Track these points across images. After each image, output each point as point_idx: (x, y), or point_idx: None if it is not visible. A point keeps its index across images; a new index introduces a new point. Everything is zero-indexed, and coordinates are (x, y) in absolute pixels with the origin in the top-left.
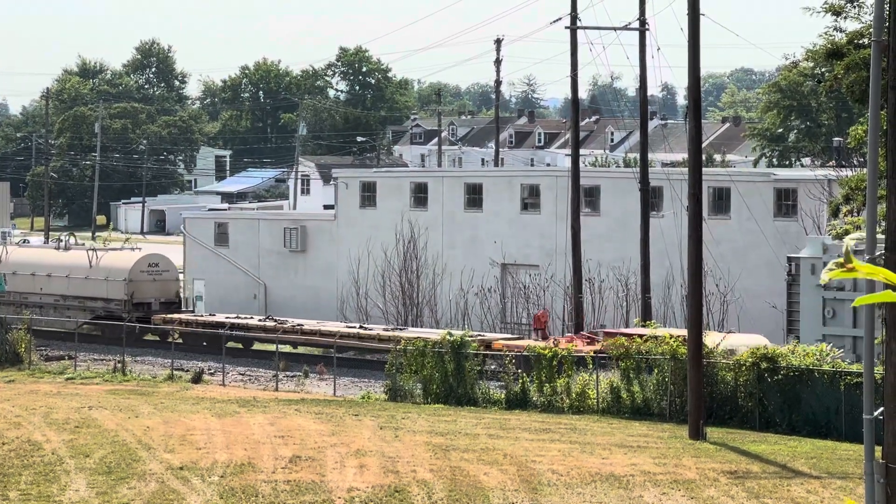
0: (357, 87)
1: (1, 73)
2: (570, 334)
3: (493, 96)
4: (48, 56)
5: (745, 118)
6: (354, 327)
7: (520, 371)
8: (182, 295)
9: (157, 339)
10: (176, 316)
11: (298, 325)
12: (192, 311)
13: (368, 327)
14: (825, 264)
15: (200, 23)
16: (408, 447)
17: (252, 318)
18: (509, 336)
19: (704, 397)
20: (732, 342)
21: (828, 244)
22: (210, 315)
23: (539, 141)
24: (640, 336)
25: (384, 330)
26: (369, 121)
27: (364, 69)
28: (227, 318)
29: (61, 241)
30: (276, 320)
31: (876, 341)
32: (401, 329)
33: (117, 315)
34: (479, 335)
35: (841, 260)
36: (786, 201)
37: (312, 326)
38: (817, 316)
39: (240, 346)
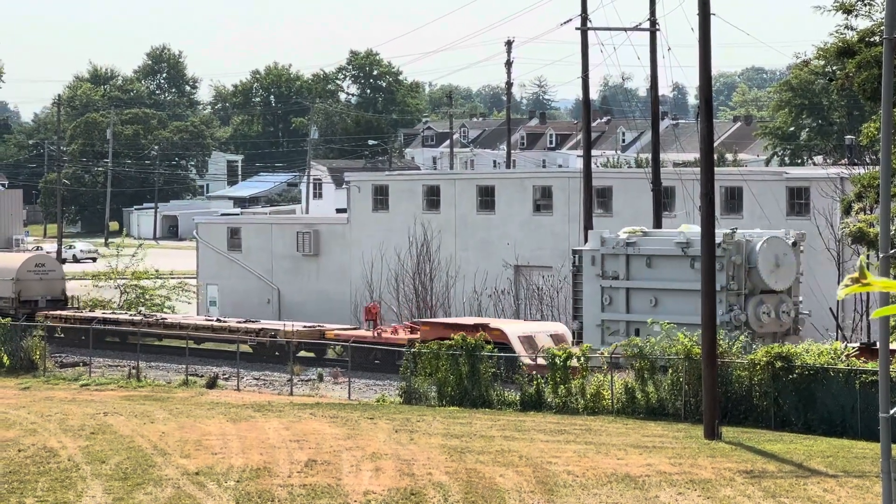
0: (368, 91)
1: (12, 80)
2: (395, 324)
3: (505, 98)
4: (59, 63)
5: (756, 117)
6: (211, 320)
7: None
8: (66, 293)
9: (45, 334)
10: (58, 313)
11: (162, 318)
12: (77, 308)
13: (223, 320)
14: (603, 256)
15: (211, 28)
16: (423, 450)
17: (125, 314)
18: (345, 326)
19: (719, 397)
20: (532, 329)
21: (605, 238)
22: (89, 311)
23: (551, 142)
24: (461, 325)
25: (237, 322)
26: (381, 124)
27: (375, 72)
28: (103, 314)
29: None
30: (144, 315)
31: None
32: (253, 322)
33: (5, 312)
34: (317, 326)
35: (856, 275)
36: (798, 200)
37: (175, 320)
38: (597, 303)
39: (117, 339)
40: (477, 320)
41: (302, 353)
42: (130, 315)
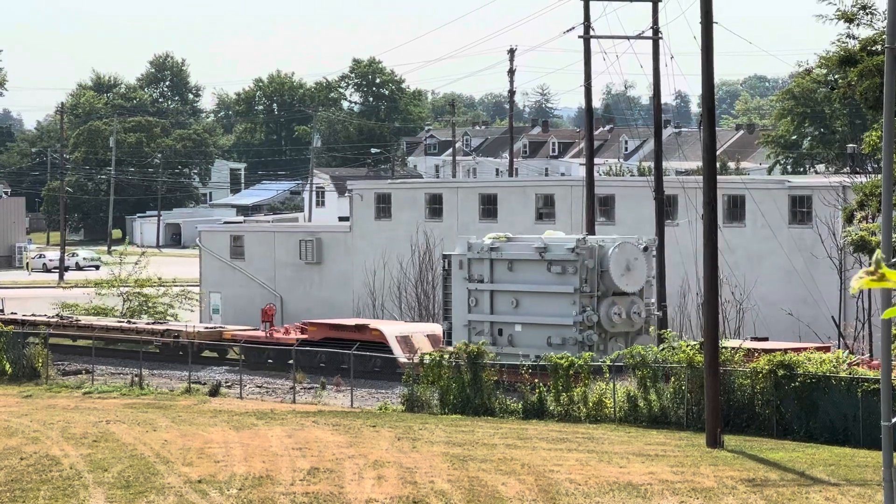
0: (371, 99)
1: (16, 88)
2: (286, 325)
3: (507, 106)
4: (63, 71)
5: (758, 125)
6: (122, 322)
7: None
8: None
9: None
10: None
11: (76, 319)
12: (14, 314)
13: (133, 321)
14: (470, 260)
15: (214, 36)
16: (425, 458)
17: (44, 316)
18: (245, 328)
19: (721, 405)
20: (409, 329)
21: (472, 243)
22: (12, 314)
23: (553, 150)
24: (344, 326)
25: (145, 324)
26: (383, 132)
27: (378, 80)
28: (23, 316)
29: None
30: (61, 318)
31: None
32: (161, 323)
33: None
34: (218, 327)
35: (871, 268)
36: (800, 208)
37: (87, 321)
38: (464, 304)
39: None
40: (358, 321)
41: (206, 354)
42: (48, 317)
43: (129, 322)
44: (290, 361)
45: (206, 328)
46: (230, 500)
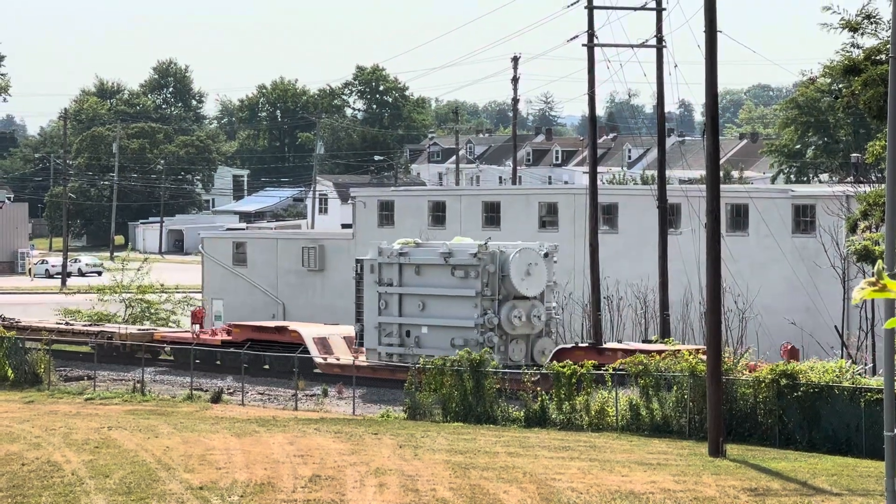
0: (374, 106)
1: (19, 93)
2: (213, 327)
3: (511, 114)
4: (66, 77)
5: (762, 134)
6: (61, 324)
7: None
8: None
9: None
10: None
11: (18, 320)
12: None
13: (71, 323)
14: (380, 265)
15: (217, 42)
16: (427, 466)
17: None
18: (174, 329)
19: (724, 414)
20: (326, 331)
21: (382, 248)
22: None
23: (556, 159)
24: (265, 328)
25: (82, 325)
26: (387, 139)
27: (381, 88)
28: None
29: None
30: (4, 318)
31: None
32: (98, 325)
33: None
34: (150, 329)
35: (873, 279)
36: (804, 217)
37: (27, 323)
38: (375, 307)
39: None
40: (279, 323)
41: (139, 355)
42: None
43: (67, 324)
44: (218, 362)
45: (139, 330)
46: None
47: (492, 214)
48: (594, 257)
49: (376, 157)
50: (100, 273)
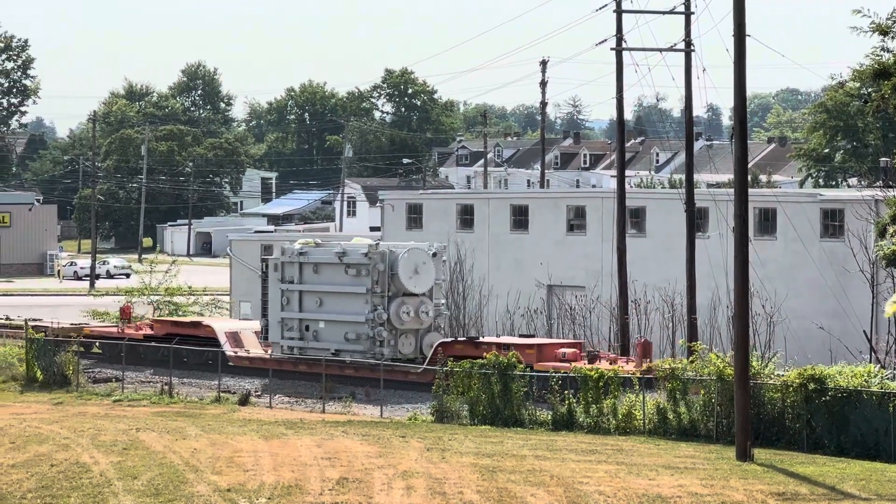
0: (403, 109)
1: (48, 96)
2: (139, 322)
3: (539, 118)
4: (95, 79)
5: (790, 138)
6: (2, 318)
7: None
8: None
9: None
10: None
11: None
12: None
13: (10, 318)
14: (283, 263)
15: (246, 45)
16: (455, 468)
17: None
18: (106, 325)
19: (751, 418)
20: (238, 326)
21: (285, 248)
22: None
23: (584, 162)
24: (182, 322)
25: (23, 320)
26: (415, 142)
27: (410, 91)
28: None
29: None
30: None
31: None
32: (35, 320)
33: None
34: (82, 324)
35: None
36: (832, 222)
37: None
38: (278, 303)
39: None
40: (194, 319)
41: (72, 349)
42: None
43: (7, 318)
44: (143, 354)
45: (71, 325)
46: None
47: (520, 217)
48: (622, 261)
49: (405, 160)
50: (128, 275)
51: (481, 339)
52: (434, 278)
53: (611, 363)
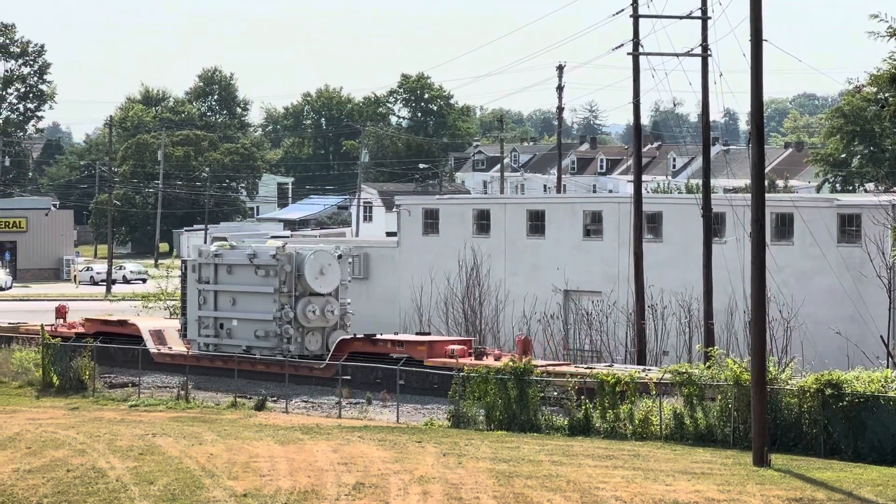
0: (419, 114)
1: (65, 101)
2: (73, 321)
3: (555, 122)
4: (111, 84)
5: (807, 143)
6: None
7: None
8: None
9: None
10: None
11: None
12: None
13: None
14: (200, 265)
15: (262, 50)
16: (471, 474)
17: None
18: (45, 324)
19: (768, 424)
20: (162, 325)
21: (201, 250)
22: None
23: (601, 167)
24: (109, 321)
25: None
26: (431, 148)
27: (426, 96)
28: None
29: None
30: None
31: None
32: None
33: None
34: (19, 323)
35: None
36: (849, 227)
37: None
38: (195, 302)
39: None
40: (121, 317)
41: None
42: None
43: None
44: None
45: (9, 324)
46: None
47: (536, 223)
48: (638, 266)
49: (421, 166)
50: (144, 280)
51: (378, 336)
52: (339, 279)
53: (496, 359)
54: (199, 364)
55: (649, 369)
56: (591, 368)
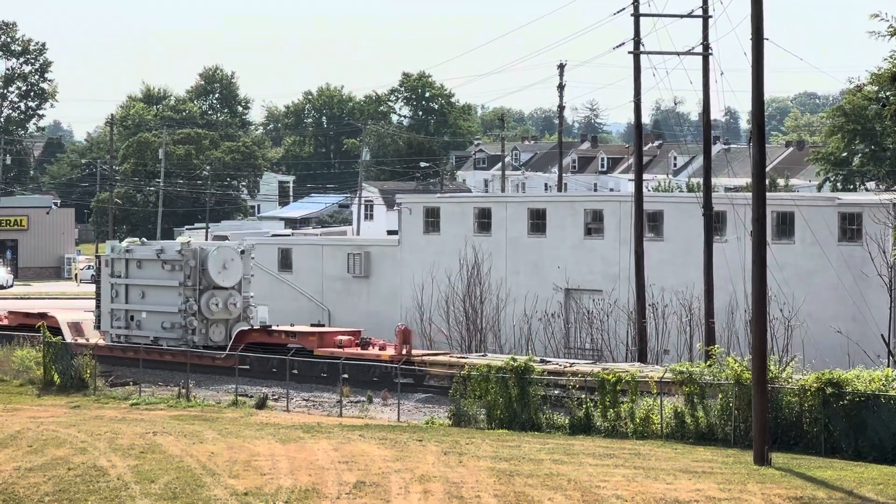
0: (420, 113)
1: (66, 99)
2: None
3: (557, 121)
4: (112, 83)
5: (808, 142)
6: None
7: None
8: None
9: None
10: None
11: None
12: None
13: None
14: (113, 260)
15: (263, 49)
16: (472, 473)
17: None
18: None
19: (769, 422)
20: (80, 317)
21: (114, 246)
22: None
23: (602, 166)
24: (30, 314)
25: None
26: (433, 146)
27: (427, 94)
28: None
29: None
30: None
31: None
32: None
33: None
34: None
35: None
36: (850, 225)
37: None
38: (108, 296)
39: None
40: (41, 310)
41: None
42: None
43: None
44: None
45: None
46: None
47: (537, 221)
48: (639, 265)
49: (422, 164)
50: None
51: (273, 328)
52: (242, 274)
53: (381, 349)
54: (111, 354)
55: (548, 360)
56: (463, 358)
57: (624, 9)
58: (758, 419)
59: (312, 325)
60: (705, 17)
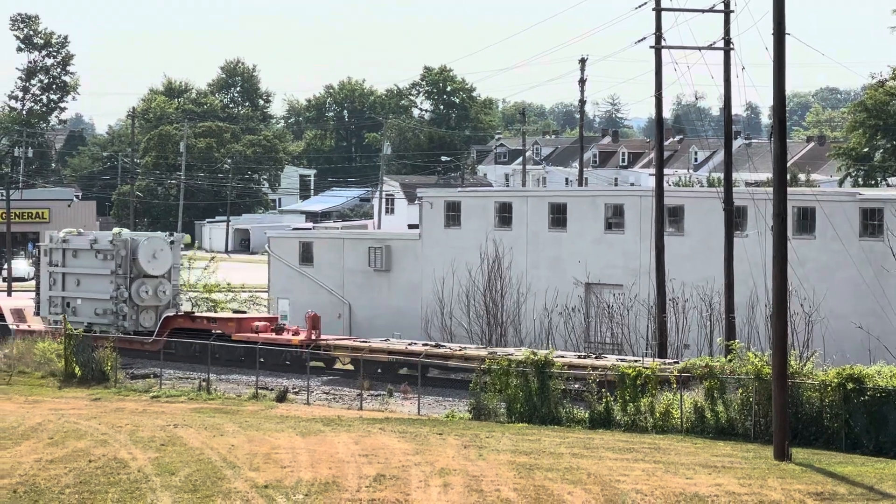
0: (441, 107)
1: (88, 93)
2: None
3: (577, 116)
4: (134, 76)
5: (830, 137)
6: None
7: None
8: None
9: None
10: None
11: None
12: None
13: None
14: (51, 250)
15: (285, 42)
16: (492, 466)
17: None
18: None
19: (789, 418)
20: (21, 304)
21: (52, 236)
22: None
23: (623, 160)
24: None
25: None
26: (454, 140)
27: (448, 88)
28: None
29: None
30: None
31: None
32: None
33: None
34: None
35: None
36: (871, 221)
37: None
38: (47, 284)
39: None
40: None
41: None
42: None
43: None
44: None
45: None
46: None
47: (558, 216)
48: (660, 259)
49: (443, 158)
50: None
51: (196, 314)
52: (171, 263)
53: (294, 334)
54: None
55: (443, 344)
56: (366, 342)
57: (645, 3)
58: (778, 414)
59: (234, 312)
60: (727, 12)
